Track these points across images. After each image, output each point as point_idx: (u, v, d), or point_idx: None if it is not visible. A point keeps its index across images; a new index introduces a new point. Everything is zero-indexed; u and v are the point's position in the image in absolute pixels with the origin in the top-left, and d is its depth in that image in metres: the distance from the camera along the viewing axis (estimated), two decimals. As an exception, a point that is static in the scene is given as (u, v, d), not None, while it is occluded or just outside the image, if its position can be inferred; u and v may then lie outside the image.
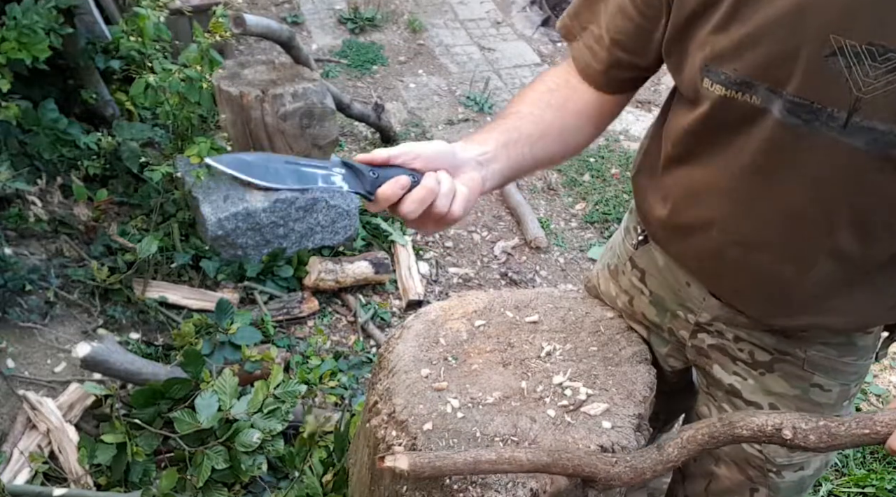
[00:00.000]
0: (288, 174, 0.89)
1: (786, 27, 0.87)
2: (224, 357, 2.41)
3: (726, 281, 1.18)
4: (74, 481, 2.02)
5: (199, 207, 2.85)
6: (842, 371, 1.21)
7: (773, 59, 0.90)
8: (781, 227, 1.03)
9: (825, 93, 0.88)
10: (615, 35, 1.08)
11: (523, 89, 1.18)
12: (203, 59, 2.85)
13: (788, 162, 0.96)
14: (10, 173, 2.55)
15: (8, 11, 2.55)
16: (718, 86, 0.96)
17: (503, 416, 1.21)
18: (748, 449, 1.30)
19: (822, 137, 0.90)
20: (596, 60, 1.13)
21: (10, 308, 2.42)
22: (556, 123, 1.10)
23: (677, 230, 1.20)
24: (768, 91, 0.92)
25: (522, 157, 1.07)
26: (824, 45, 0.85)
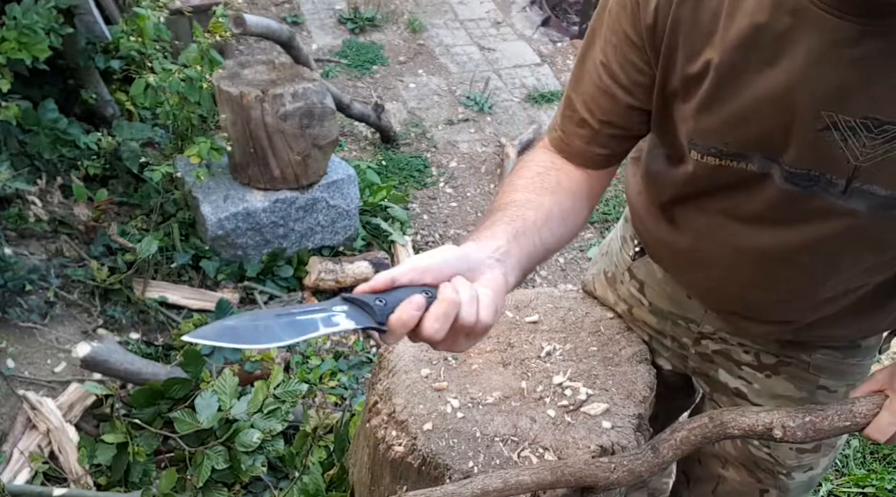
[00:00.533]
0: (281, 328, 0.78)
1: (774, 106, 0.86)
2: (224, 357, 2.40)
3: (726, 307, 1.18)
4: (74, 481, 2.02)
5: (199, 207, 2.85)
6: (847, 372, 1.21)
7: (766, 134, 0.89)
8: (783, 274, 1.02)
9: (822, 163, 0.87)
10: (603, 117, 1.04)
11: (509, 178, 1.10)
12: (203, 59, 2.84)
13: (790, 221, 0.95)
14: (10, 173, 2.55)
15: (8, 11, 2.55)
16: (710, 158, 0.95)
17: (503, 416, 1.21)
18: (757, 452, 1.30)
19: (823, 201, 0.90)
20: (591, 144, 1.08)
21: (10, 308, 2.42)
22: (555, 207, 1.03)
23: (676, 260, 1.20)
24: (765, 159, 0.91)
25: (534, 245, 0.98)
26: (816, 121, 0.84)
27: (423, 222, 3.63)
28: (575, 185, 1.08)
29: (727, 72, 0.88)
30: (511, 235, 0.95)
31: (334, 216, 3.08)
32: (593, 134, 1.06)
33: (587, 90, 1.04)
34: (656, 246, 1.23)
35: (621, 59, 0.98)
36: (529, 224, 0.98)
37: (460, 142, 4.25)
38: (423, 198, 3.80)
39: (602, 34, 1.00)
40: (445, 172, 4.00)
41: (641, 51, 0.96)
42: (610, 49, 0.99)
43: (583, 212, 1.09)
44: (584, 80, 1.04)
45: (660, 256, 1.25)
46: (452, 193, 3.87)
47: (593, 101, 1.04)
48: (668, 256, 1.22)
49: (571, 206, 1.06)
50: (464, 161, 4.10)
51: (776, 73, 0.84)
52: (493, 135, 4.32)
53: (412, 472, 1.16)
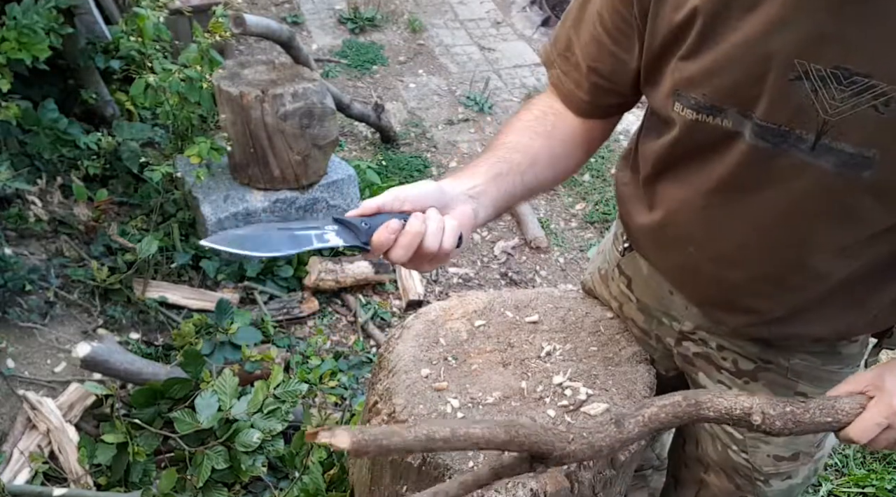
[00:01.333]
0: (282, 241, 0.90)
1: (752, 53, 0.87)
2: (224, 357, 2.41)
3: (704, 294, 1.18)
4: (74, 481, 2.02)
5: (199, 207, 2.85)
6: (826, 379, 1.21)
7: (740, 83, 0.90)
8: (756, 246, 1.03)
9: (792, 116, 0.88)
10: (591, 63, 1.08)
11: (510, 118, 1.17)
12: (203, 59, 2.84)
13: (760, 183, 0.96)
14: (10, 173, 2.55)
15: (8, 11, 2.55)
16: (689, 110, 0.96)
17: (503, 416, 1.21)
18: (735, 457, 1.30)
19: (792, 159, 0.91)
20: (577, 88, 1.12)
21: (10, 308, 2.42)
22: (544, 151, 1.10)
23: (656, 242, 1.21)
24: (739, 114, 0.93)
25: (513, 186, 1.06)
26: (789, 70, 0.85)
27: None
28: (570, 132, 1.14)
29: (710, 18, 0.89)
30: (491, 176, 1.04)
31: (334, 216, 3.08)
32: (581, 77, 1.11)
33: (584, 35, 1.08)
34: (638, 233, 1.25)
35: (611, 10, 1.02)
36: (514, 165, 1.06)
37: (460, 142, 4.25)
38: (423, 198, 3.80)
39: None
40: (445, 172, 4.00)
41: (630, 4, 0.98)
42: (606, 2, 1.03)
43: (575, 158, 1.15)
44: (583, 25, 1.08)
45: (642, 243, 1.27)
46: (452, 193, 3.87)
47: (586, 47, 1.08)
48: (648, 240, 1.24)
49: (563, 151, 1.13)
50: (464, 161, 4.10)
51: (755, 19, 0.85)
52: (493, 135, 4.31)
53: (412, 472, 1.16)
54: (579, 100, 1.13)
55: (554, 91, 1.17)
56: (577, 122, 1.14)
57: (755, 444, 1.28)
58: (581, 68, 1.09)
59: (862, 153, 0.86)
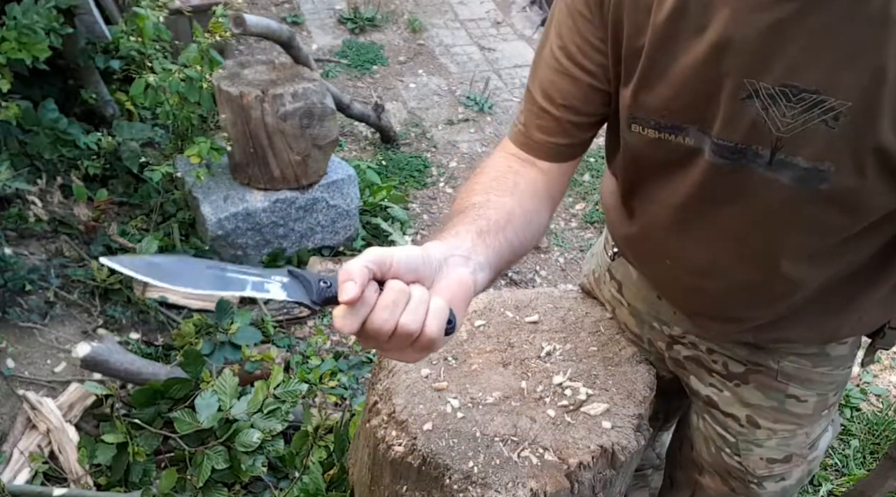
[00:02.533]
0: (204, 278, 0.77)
1: (703, 74, 0.88)
2: (224, 357, 2.40)
3: (686, 303, 1.19)
4: (74, 481, 2.02)
5: (199, 207, 2.85)
6: (817, 381, 1.21)
7: (695, 104, 0.91)
8: (728, 258, 1.03)
9: (747, 133, 0.88)
10: (563, 101, 1.03)
11: (464, 185, 1.06)
12: (203, 59, 2.84)
13: (724, 198, 0.97)
14: (10, 173, 2.55)
15: (8, 11, 2.55)
16: (650, 130, 0.97)
17: (503, 416, 1.21)
18: (728, 460, 1.31)
19: (752, 174, 0.91)
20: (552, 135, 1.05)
21: (10, 308, 2.42)
22: (516, 208, 0.99)
23: (637, 253, 1.22)
24: (699, 131, 0.93)
25: (500, 244, 0.93)
26: (740, 89, 0.86)
27: (423, 222, 3.63)
28: (532, 187, 1.05)
29: (659, 44, 0.90)
30: (475, 234, 0.90)
31: (334, 216, 3.08)
32: (555, 122, 1.04)
33: (545, 77, 1.03)
34: (622, 242, 1.26)
35: (578, 40, 0.99)
36: (493, 223, 0.93)
37: (460, 142, 4.25)
38: (423, 198, 3.80)
39: (556, 22, 1.02)
40: (445, 172, 4.00)
41: (592, 26, 0.97)
42: (566, 31, 1.00)
43: (544, 212, 1.06)
44: (541, 68, 1.05)
45: (626, 252, 1.27)
46: (452, 193, 3.87)
47: (552, 86, 1.03)
48: (631, 251, 1.24)
49: (532, 206, 1.03)
50: (464, 161, 4.10)
51: (703, 41, 0.86)
52: (493, 135, 4.32)
53: (412, 472, 1.16)
54: (556, 145, 1.06)
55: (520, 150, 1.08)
56: (535, 174, 1.06)
57: (748, 447, 1.28)
58: (551, 113, 1.04)
59: (816, 167, 0.86)
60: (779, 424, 1.24)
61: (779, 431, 1.25)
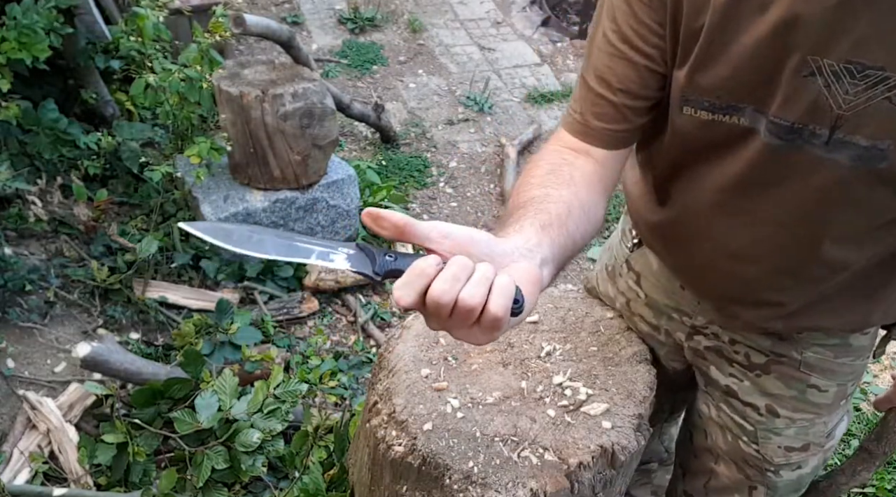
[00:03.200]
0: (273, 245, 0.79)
1: (764, 53, 0.87)
2: (224, 357, 2.41)
3: (719, 290, 1.18)
4: (74, 481, 2.02)
5: (199, 207, 2.85)
6: (838, 372, 1.21)
7: (754, 83, 0.90)
8: (771, 241, 1.03)
9: (806, 112, 0.88)
10: (619, 85, 1.01)
11: (521, 179, 1.04)
12: (203, 59, 2.84)
13: (776, 179, 0.96)
14: (10, 173, 2.55)
15: (8, 11, 2.55)
16: (703, 111, 0.96)
17: (503, 416, 1.21)
18: (745, 448, 1.31)
19: (806, 154, 0.91)
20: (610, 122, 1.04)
21: (10, 308, 2.42)
22: (575, 200, 0.98)
23: (668, 240, 1.21)
24: (755, 112, 0.93)
25: (562, 237, 0.91)
26: (803, 66, 0.85)
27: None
28: (588, 178, 1.04)
29: (720, 24, 0.89)
30: (539, 228, 0.88)
31: (334, 216, 3.08)
32: (612, 108, 1.03)
33: (600, 63, 1.02)
34: (650, 231, 1.24)
35: (634, 23, 0.98)
36: (554, 217, 0.92)
37: (460, 142, 4.25)
38: (423, 198, 3.80)
39: (609, 6, 1.01)
40: (445, 172, 4.00)
41: (650, 9, 0.96)
42: (620, 15, 0.99)
43: (600, 204, 1.05)
44: (595, 55, 1.04)
45: (654, 241, 1.26)
46: (452, 193, 3.87)
47: (609, 71, 1.01)
48: (661, 238, 1.23)
49: (588, 197, 1.02)
50: (464, 161, 4.10)
51: (765, 19, 0.85)
52: (493, 135, 4.32)
53: (412, 472, 1.16)
54: (612, 132, 1.05)
55: (575, 138, 1.07)
56: (590, 165, 1.06)
57: (766, 436, 1.28)
58: (608, 98, 1.03)
59: (876, 145, 0.86)
60: (798, 414, 1.25)
61: (798, 420, 1.25)
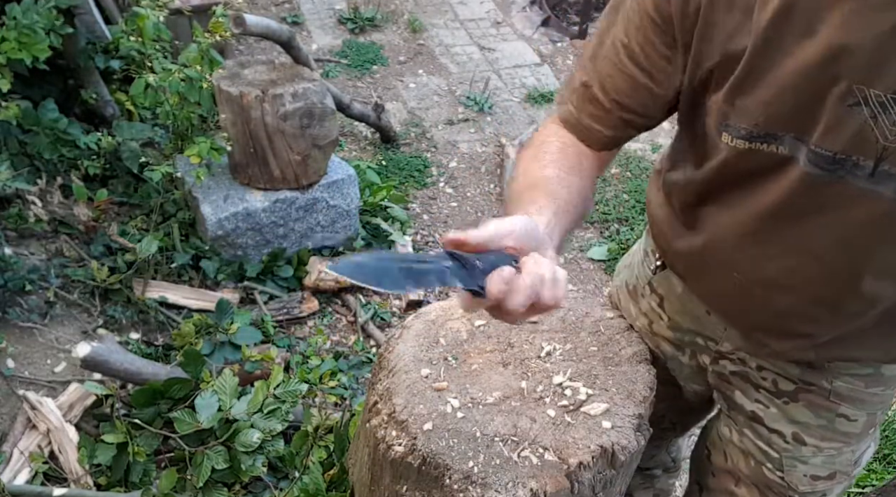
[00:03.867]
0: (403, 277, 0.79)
1: (808, 80, 0.84)
2: (224, 357, 2.41)
3: (747, 318, 1.14)
4: (74, 481, 2.02)
5: (199, 207, 2.85)
6: (868, 401, 1.17)
7: (796, 111, 0.87)
8: (806, 272, 0.99)
9: (850, 143, 0.85)
10: (617, 97, 1.01)
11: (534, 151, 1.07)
12: (203, 59, 2.84)
13: (814, 209, 0.93)
14: (10, 173, 2.55)
15: (8, 11, 2.55)
16: (740, 140, 0.93)
17: (503, 416, 1.21)
18: (769, 475, 1.27)
19: (848, 186, 0.87)
20: (597, 123, 1.05)
21: (10, 308, 2.42)
22: (578, 187, 1.01)
23: (697, 267, 1.17)
24: (795, 140, 0.89)
25: (568, 224, 0.97)
26: (849, 95, 0.82)
27: (423, 222, 3.63)
28: (589, 165, 1.07)
29: (763, 47, 0.85)
30: (553, 212, 0.93)
31: (334, 216, 3.08)
32: (605, 113, 1.03)
33: (604, 68, 1.01)
34: (676, 256, 1.21)
35: (642, 41, 0.96)
36: (563, 203, 0.97)
37: (460, 142, 4.25)
38: (423, 198, 3.80)
39: (625, 12, 0.98)
40: (445, 172, 4.00)
41: (666, 34, 0.93)
42: (632, 29, 0.96)
43: (592, 189, 1.09)
44: (601, 57, 1.02)
45: (680, 267, 1.23)
46: (452, 193, 3.87)
47: (609, 80, 1.01)
48: (687, 264, 1.19)
49: (588, 185, 1.05)
50: (464, 161, 4.10)
51: (812, 44, 0.82)
52: (493, 135, 4.32)
53: (412, 472, 1.16)
54: (599, 135, 1.06)
55: (564, 126, 1.09)
56: (593, 155, 1.08)
57: (792, 464, 1.24)
58: (603, 103, 1.03)
59: None
60: (826, 442, 1.20)
61: (825, 449, 1.21)
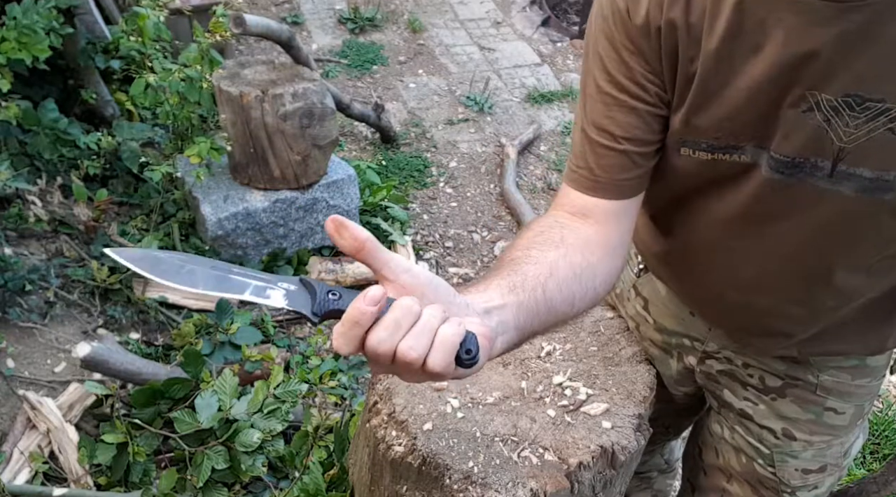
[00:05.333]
0: (205, 278, 0.73)
1: (761, 93, 0.86)
2: (224, 357, 2.41)
3: (727, 319, 1.16)
4: (74, 481, 2.02)
5: (199, 207, 2.85)
6: (855, 393, 1.18)
7: (754, 121, 0.89)
8: (779, 273, 1.01)
9: (807, 146, 0.86)
10: (624, 134, 0.97)
11: (508, 246, 0.98)
12: (203, 59, 2.85)
13: (779, 212, 0.95)
14: (10, 173, 2.55)
15: (8, 11, 2.55)
16: (702, 152, 0.95)
17: (503, 416, 1.21)
18: (761, 470, 1.28)
19: (810, 187, 0.89)
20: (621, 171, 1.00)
21: (10, 308, 2.42)
22: (561, 261, 0.92)
23: (673, 270, 1.19)
24: (755, 148, 0.91)
25: (535, 301, 0.85)
26: (801, 102, 0.84)
27: (423, 222, 3.63)
28: (583, 241, 0.98)
29: (714, 69, 0.88)
30: (506, 289, 0.84)
31: (334, 216, 3.08)
32: (620, 157, 0.99)
33: (599, 114, 0.98)
34: (654, 260, 1.22)
35: (627, 71, 0.95)
36: (529, 278, 0.87)
37: (460, 142, 4.25)
38: (423, 198, 3.80)
39: (597, 56, 0.98)
40: (445, 172, 4.00)
41: (640, 57, 0.94)
42: (611, 64, 0.96)
43: (600, 267, 0.98)
44: (591, 107, 0.99)
45: (660, 271, 1.24)
46: (452, 193, 3.87)
47: (610, 121, 0.98)
48: (666, 267, 1.21)
49: (583, 260, 0.95)
50: (464, 161, 4.10)
51: (760, 60, 0.84)
52: (493, 135, 4.32)
53: (412, 472, 1.16)
54: (624, 182, 1.00)
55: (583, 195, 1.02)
56: (588, 228, 1.00)
57: (783, 459, 1.25)
58: (615, 148, 0.98)
59: (881, 177, 0.85)
60: (815, 436, 1.22)
61: (815, 443, 1.22)
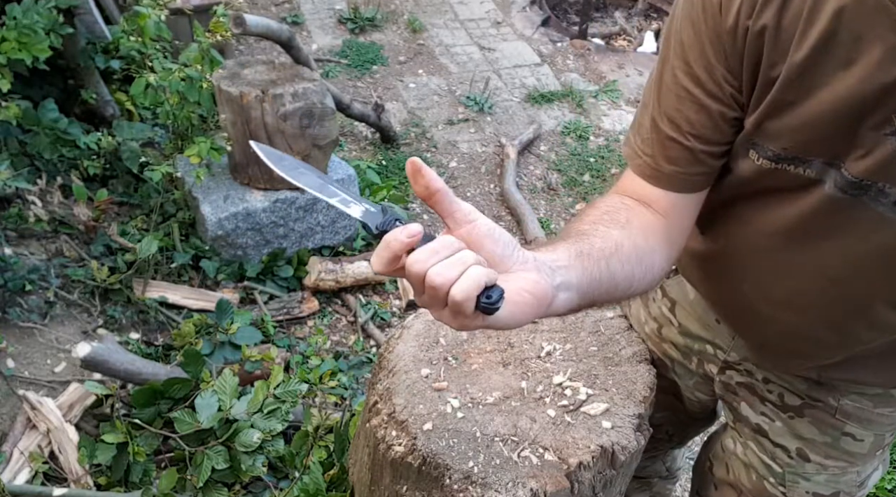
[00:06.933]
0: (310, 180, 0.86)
1: (845, 109, 0.83)
2: (224, 357, 2.41)
3: (751, 331, 1.14)
4: (74, 481, 2.02)
5: (199, 207, 2.85)
6: (876, 421, 1.16)
7: (830, 137, 0.86)
8: (817, 294, 0.98)
9: (879, 169, 0.84)
10: (692, 131, 0.95)
11: (574, 219, 0.99)
12: (203, 59, 2.85)
13: (834, 232, 0.92)
14: (10, 173, 2.55)
15: (8, 11, 2.56)
16: (766, 160, 0.92)
17: (503, 416, 1.21)
18: (771, 489, 1.27)
19: (871, 212, 0.86)
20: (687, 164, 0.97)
21: (10, 308, 2.42)
22: (626, 241, 0.92)
23: (707, 272, 1.16)
24: (824, 164, 0.88)
25: (600, 271, 0.87)
26: (885, 124, 0.81)
27: (423, 222, 3.63)
28: (646, 226, 0.98)
29: (798, 74, 0.84)
30: (574, 253, 0.86)
31: (334, 216, 3.08)
32: (686, 152, 0.96)
33: (670, 104, 0.95)
34: (689, 261, 1.20)
35: (706, 64, 0.92)
36: (595, 249, 0.88)
37: (460, 142, 4.25)
38: (423, 198, 3.80)
39: (680, 43, 0.94)
40: (445, 172, 4.00)
41: (722, 55, 0.91)
42: (692, 55, 0.93)
43: (659, 253, 0.98)
44: (664, 94, 0.96)
45: (692, 272, 1.22)
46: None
47: (680, 114, 0.95)
48: (700, 269, 1.18)
49: (646, 244, 0.95)
50: (464, 161, 4.10)
51: (850, 75, 0.81)
52: (493, 135, 4.32)
53: (412, 472, 1.16)
54: (687, 176, 0.98)
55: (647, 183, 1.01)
56: (652, 216, 0.99)
57: (794, 479, 1.23)
58: (682, 142, 0.96)
59: None
60: (830, 460, 1.20)
61: (829, 467, 1.20)
